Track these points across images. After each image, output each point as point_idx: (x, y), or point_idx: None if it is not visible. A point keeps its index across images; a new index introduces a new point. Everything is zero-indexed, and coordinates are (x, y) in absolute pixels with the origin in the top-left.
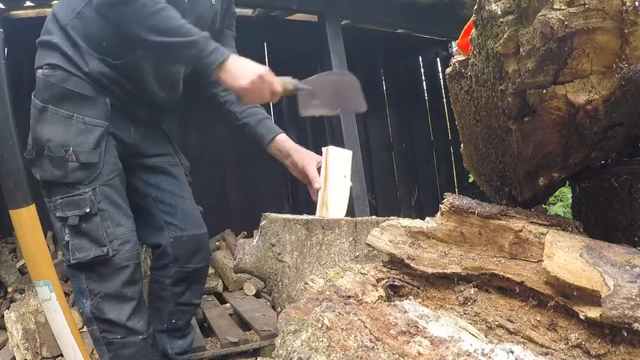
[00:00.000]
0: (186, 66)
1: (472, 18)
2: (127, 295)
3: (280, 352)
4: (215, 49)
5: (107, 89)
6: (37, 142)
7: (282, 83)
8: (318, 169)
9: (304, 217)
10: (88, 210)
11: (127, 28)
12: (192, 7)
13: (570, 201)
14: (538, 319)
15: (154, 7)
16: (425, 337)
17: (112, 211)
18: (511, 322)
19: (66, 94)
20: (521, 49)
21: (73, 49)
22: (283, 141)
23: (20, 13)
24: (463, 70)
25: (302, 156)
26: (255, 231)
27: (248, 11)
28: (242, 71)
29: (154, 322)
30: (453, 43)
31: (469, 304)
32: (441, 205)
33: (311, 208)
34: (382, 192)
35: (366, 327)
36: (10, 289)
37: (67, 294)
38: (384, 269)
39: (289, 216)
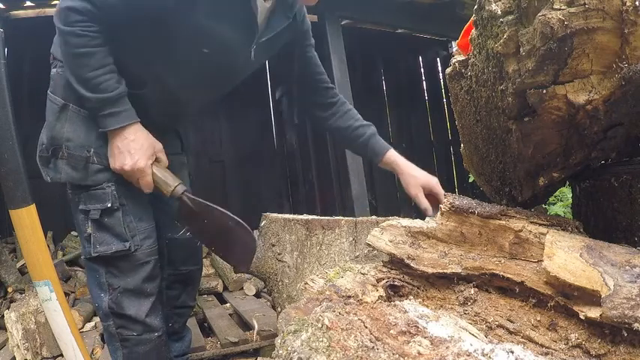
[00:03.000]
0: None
1: (472, 18)
2: (147, 291)
3: (280, 352)
4: (114, 114)
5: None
6: (55, 141)
7: (158, 183)
8: (427, 196)
9: (304, 217)
10: (109, 205)
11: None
12: (229, 60)
13: (570, 201)
14: (538, 319)
15: (77, 49)
16: (425, 337)
17: (133, 205)
18: (511, 322)
19: None
20: (521, 49)
21: None
22: (389, 157)
23: (20, 13)
24: (463, 70)
25: (408, 180)
26: (255, 231)
27: None
28: (125, 151)
29: None
30: (453, 43)
31: (469, 304)
32: (441, 205)
33: (311, 207)
34: (382, 192)
35: (366, 327)
36: (10, 289)
37: (67, 294)
38: (384, 269)
39: (289, 216)
